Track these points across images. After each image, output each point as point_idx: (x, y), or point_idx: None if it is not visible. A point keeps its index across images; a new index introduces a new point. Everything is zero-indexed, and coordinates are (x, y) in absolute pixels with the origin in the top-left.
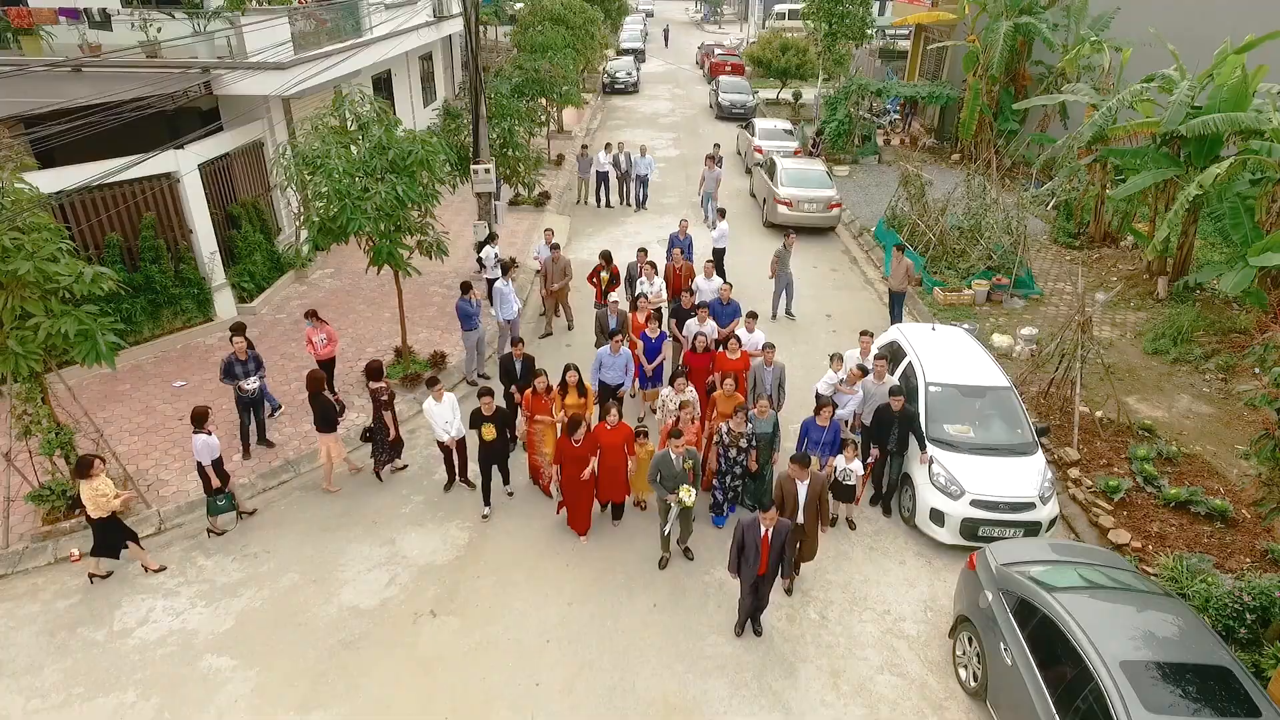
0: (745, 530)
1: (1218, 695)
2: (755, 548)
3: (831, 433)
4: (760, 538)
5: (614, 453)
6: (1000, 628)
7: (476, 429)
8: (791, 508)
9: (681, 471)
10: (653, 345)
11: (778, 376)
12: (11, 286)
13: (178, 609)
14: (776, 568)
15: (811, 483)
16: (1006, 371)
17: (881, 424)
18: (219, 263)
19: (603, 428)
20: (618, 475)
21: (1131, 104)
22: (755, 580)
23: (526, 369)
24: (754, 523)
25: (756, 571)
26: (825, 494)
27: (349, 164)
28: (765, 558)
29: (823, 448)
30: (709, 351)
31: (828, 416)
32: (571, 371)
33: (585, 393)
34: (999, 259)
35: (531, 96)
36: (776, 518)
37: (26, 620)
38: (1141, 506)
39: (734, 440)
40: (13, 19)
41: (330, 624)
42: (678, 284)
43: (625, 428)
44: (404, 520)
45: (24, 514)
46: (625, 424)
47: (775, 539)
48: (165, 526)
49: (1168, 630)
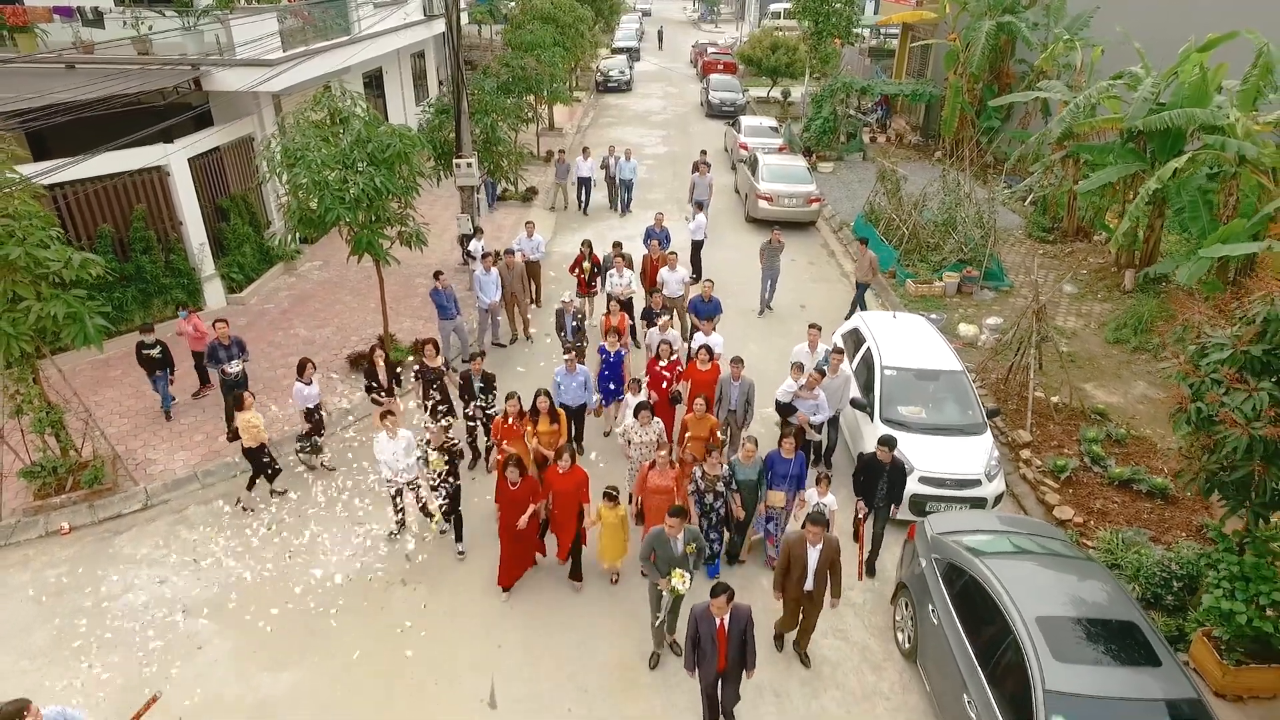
0: (699, 620)
1: (1124, 647)
2: (711, 641)
3: (798, 465)
4: (715, 630)
5: (566, 499)
6: (930, 591)
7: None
8: (799, 575)
9: (682, 555)
10: (612, 362)
11: (745, 393)
12: (3, 271)
13: (162, 576)
14: (740, 661)
15: (825, 546)
16: (965, 358)
17: (869, 474)
18: (209, 254)
19: (554, 471)
20: (568, 529)
21: (1099, 101)
22: (715, 677)
23: (487, 385)
24: (706, 612)
25: (715, 668)
26: (839, 560)
27: (327, 156)
28: (724, 651)
29: (789, 480)
30: (674, 363)
31: (792, 448)
32: (543, 398)
33: (558, 419)
34: (970, 252)
35: (519, 93)
36: (729, 605)
37: (17, 588)
38: (1087, 485)
39: (710, 485)
40: (8, 17)
41: (309, 592)
42: (653, 276)
43: (579, 472)
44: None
45: (16, 490)
46: (580, 469)
47: (734, 628)
48: (151, 503)
49: (1084, 590)
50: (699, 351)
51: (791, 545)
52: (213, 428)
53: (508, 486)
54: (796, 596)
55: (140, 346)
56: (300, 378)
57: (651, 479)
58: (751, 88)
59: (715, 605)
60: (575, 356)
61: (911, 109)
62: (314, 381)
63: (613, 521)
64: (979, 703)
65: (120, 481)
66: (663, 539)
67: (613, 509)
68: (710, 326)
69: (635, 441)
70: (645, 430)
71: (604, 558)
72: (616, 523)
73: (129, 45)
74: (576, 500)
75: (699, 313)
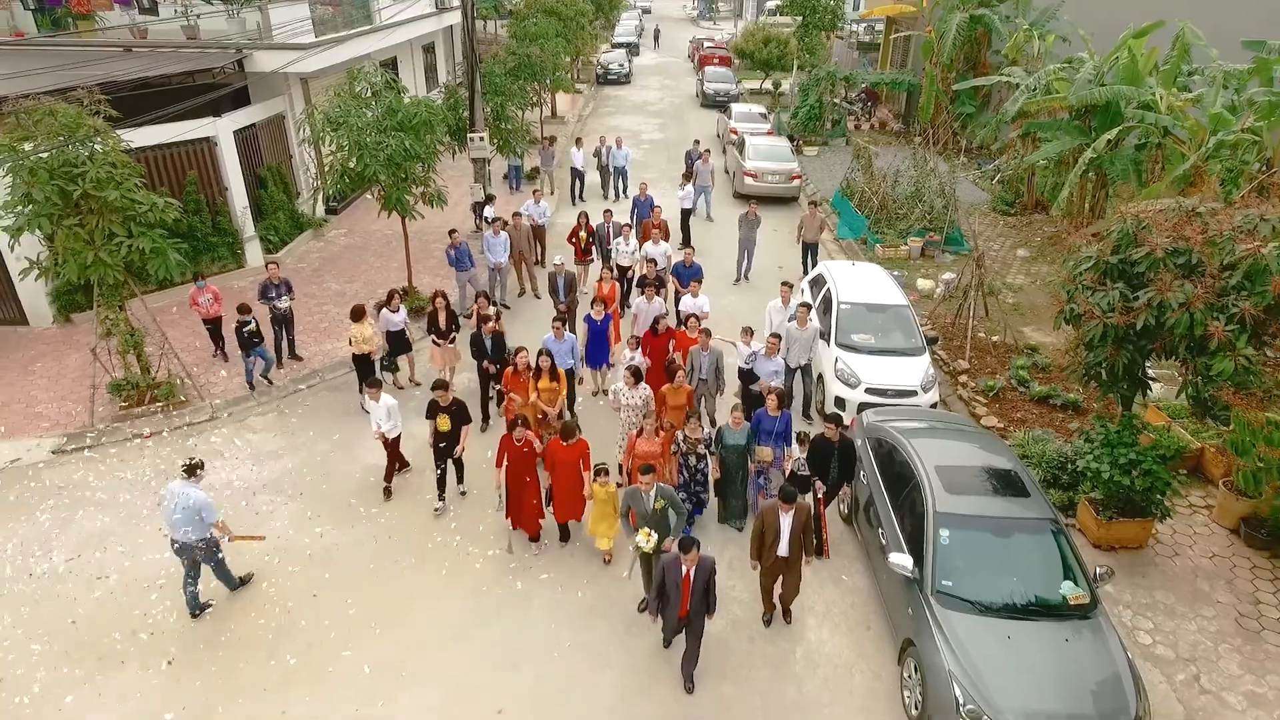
0: (666, 568)
1: (1000, 485)
2: (676, 588)
3: (783, 422)
4: (681, 578)
5: (568, 470)
6: (861, 460)
7: (432, 419)
8: (772, 540)
9: (652, 512)
10: (598, 328)
11: (714, 362)
12: (102, 211)
13: (233, 466)
14: (701, 610)
15: (796, 514)
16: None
17: (821, 454)
18: (249, 218)
19: (557, 443)
20: (573, 495)
21: (1050, 82)
22: (677, 624)
23: (496, 345)
24: (675, 562)
25: (677, 614)
26: (810, 525)
27: (365, 122)
28: (686, 599)
29: (775, 438)
30: (669, 331)
31: (776, 406)
32: (544, 358)
33: (558, 378)
34: (933, 220)
35: (524, 80)
36: (699, 558)
37: (116, 476)
38: (1012, 401)
39: (691, 448)
40: (73, 4)
41: (352, 477)
42: (647, 235)
43: (583, 444)
44: (411, 411)
45: (104, 401)
46: (583, 440)
47: (698, 579)
48: (216, 415)
49: (976, 451)
50: (688, 319)
51: (764, 514)
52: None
53: (513, 441)
54: (772, 562)
55: (240, 325)
56: (388, 306)
57: (640, 445)
58: (745, 80)
59: (686, 558)
60: (564, 325)
61: (894, 97)
62: (400, 309)
63: (603, 498)
64: (889, 533)
65: (190, 398)
66: (636, 495)
67: (604, 485)
68: (696, 288)
69: (624, 404)
70: (632, 393)
71: (595, 533)
72: (605, 499)
73: (178, 30)
74: (578, 470)
75: (681, 277)
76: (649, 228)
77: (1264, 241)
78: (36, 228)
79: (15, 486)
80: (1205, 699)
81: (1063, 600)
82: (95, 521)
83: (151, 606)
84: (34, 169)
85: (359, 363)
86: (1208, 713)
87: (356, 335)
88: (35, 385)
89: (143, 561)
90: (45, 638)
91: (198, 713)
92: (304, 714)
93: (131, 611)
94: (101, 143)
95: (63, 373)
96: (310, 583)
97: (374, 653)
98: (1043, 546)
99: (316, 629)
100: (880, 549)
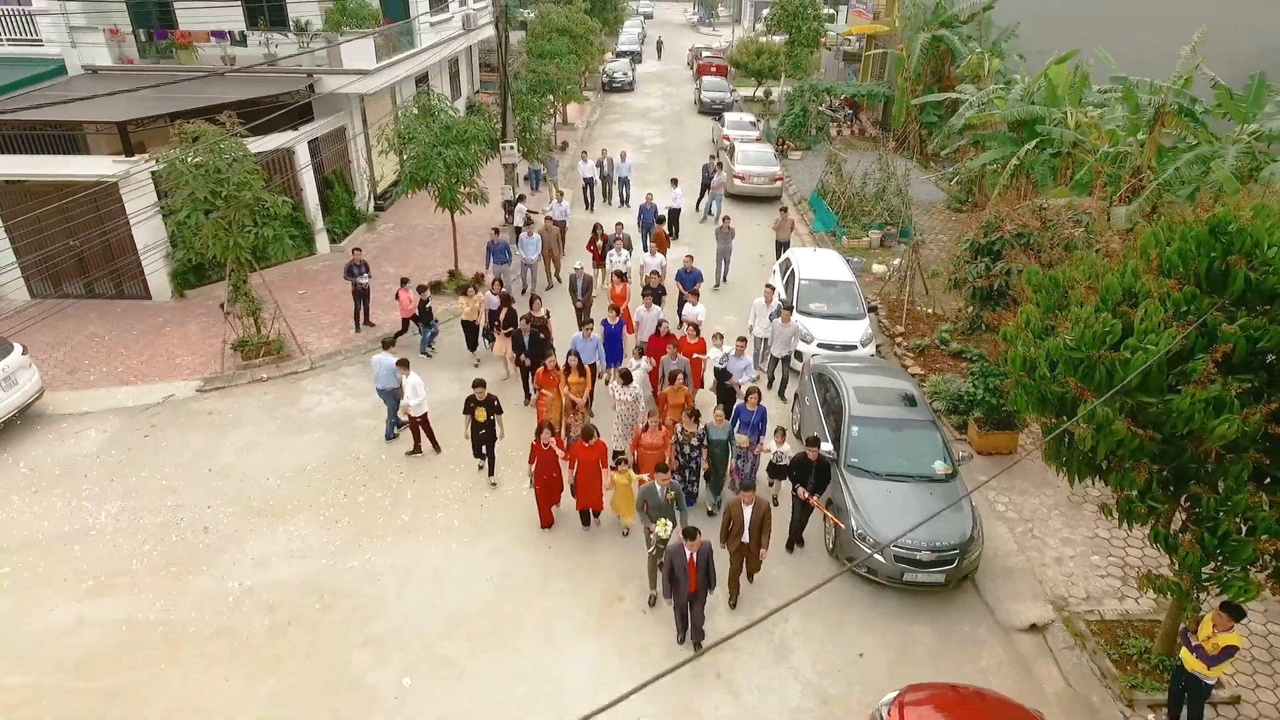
0: (673, 556)
1: (898, 400)
2: (684, 571)
3: (759, 415)
4: (687, 562)
5: (589, 468)
6: (806, 389)
7: (469, 413)
8: (738, 529)
9: (665, 502)
10: (612, 331)
11: (683, 368)
12: (238, 206)
13: (337, 400)
14: (704, 586)
15: (756, 506)
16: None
17: (801, 471)
18: (319, 213)
19: (580, 445)
20: (592, 487)
21: (991, 99)
22: (687, 599)
23: (534, 339)
24: (680, 549)
25: (687, 591)
26: (769, 518)
27: (432, 137)
28: (693, 578)
29: (751, 429)
30: (669, 336)
31: (755, 401)
32: (573, 356)
33: (585, 373)
34: (891, 216)
35: (542, 94)
36: (700, 543)
37: (247, 407)
38: (934, 356)
39: (686, 438)
40: (177, 37)
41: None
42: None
43: (601, 445)
44: (466, 362)
45: (228, 355)
46: (602, 441)
47: (700, 561)
48: (315, 366)
49: (886, 380)
50: (689, 328)
51: (730, 507)
52: (343, 326)
53: (541, 446)
54: (738, 547)
55: (422, 303)
56: (477, 289)
57: (645, 439)
58: (741, 88)
59: (690, 544)
60: (590, 326)
61: (873, 107)
62: (493, 295)
63: (622, 483)
64: (820, 432)
65: (293, 353)
66: (652, 490)
67: (624, 472)
68: (694, 297)
69: (617, 399)
70: (624, 390)
71: (617, 511)
72: (625, 483)
73: (260, 57)
74: (598, 467)
75: (684, 282)
76: (661, 234)
77: (1076, 227)
78: (196, 218)
79: (178, 413)
80: (1034, 541)
81: (934, 472)
82: (241, 435)
83: (290, 485)
84: (196, 174)
85: (466, 327)
86: (1033, 548)
87: (465, 306)
88: (169, 343)
89: (280, 458)
90: (229, 505)
91: (343, 549)
92: (413, 552)
93: (278, 488)
94: (237, 154)
95: (187, 335)
96: (402, 467)
97: (459, 517)
98: (923, 439)
99: (424, 495)
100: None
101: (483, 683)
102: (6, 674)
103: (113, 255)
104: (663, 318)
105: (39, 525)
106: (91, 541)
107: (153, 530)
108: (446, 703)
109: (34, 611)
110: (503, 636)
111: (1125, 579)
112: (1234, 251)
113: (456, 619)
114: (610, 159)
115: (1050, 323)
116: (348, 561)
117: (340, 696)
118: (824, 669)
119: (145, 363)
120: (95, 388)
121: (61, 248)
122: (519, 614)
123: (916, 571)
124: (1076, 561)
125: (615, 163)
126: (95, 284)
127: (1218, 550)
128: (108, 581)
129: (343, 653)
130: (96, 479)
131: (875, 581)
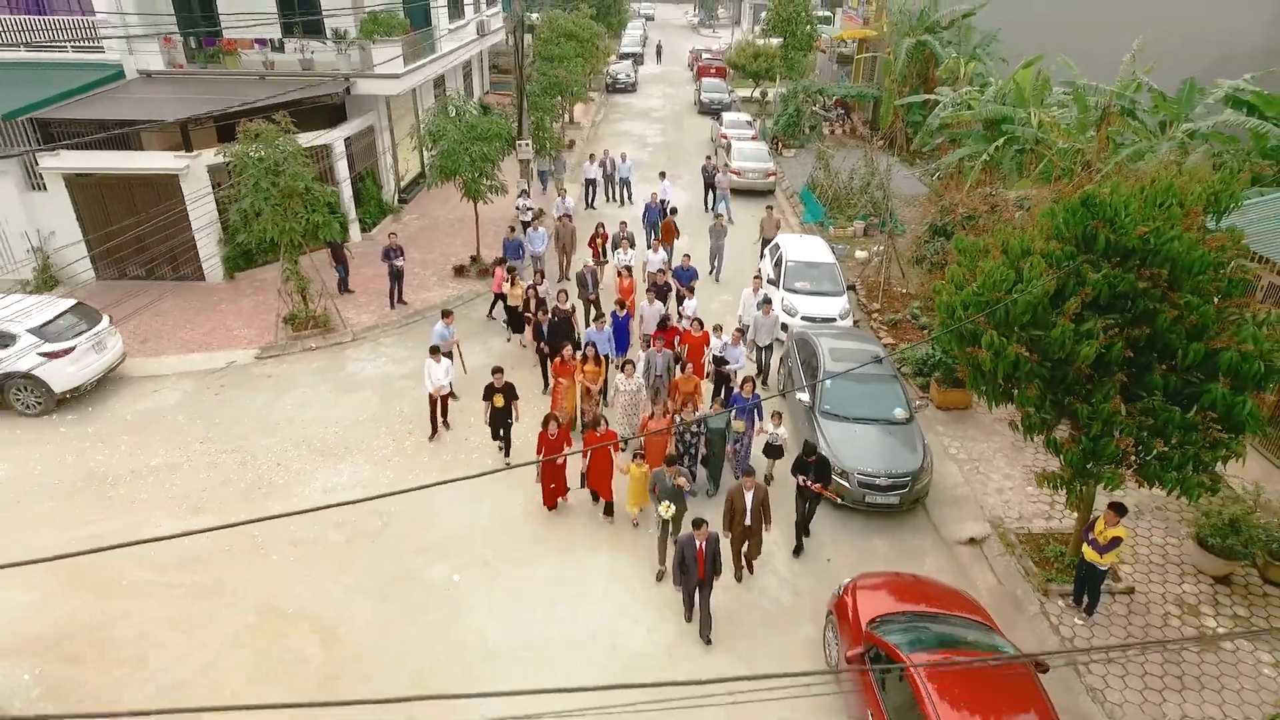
0: (684, 546)
1: (867, 359)
2: (694, 560)
3: (754, 400)
4: (697, 551)
5: (599, 453)
6: (790, 352)
7: (488, 400)
8: (740, 513)
9: (671, 487)
10: (620, 323)
11: (667, 361)
12: (293, 194)
13: (378, 366)
14: (711, 573)
15: (756, 492)
16: (856, 272)
17: (801, 470)
18: (353, 204)
19: (592, 434)
20: (602, 473)
21: (965, 101)
22: (696, 584)
23: (553, 329)
24: (690, 539)
25: (696, 579)
26: (768, 502)
27: (459, 134)
28: (702, 564)
29: (746, 412)
30: (674, 329)
31: (750, 389)
32: (589, 347)
33: (600, 363)
34: (874, 208)
35: (552, 96)
36: (708, 533)
37: (300, 372)
38: (906, 329)
39: (686, 427)
40: (224, 44)
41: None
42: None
43: (611, 434)
44: (493, 331)
45: (280, 327)
46: (612, 431)
47: (708, 548)
48: (356, 338)
49: (857, 343)
50: (692, 322)
51: (732, 494)
52: (379, 303)
53: (548, 436)
54: (740, 531)
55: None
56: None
57: (651, 425)
58: (739, 89)
59: (698, 534)
60: (603, 319)
61: (864, 106)
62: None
63: (636, 475)
64: (799, 385)
65: (336, 326)
66: (661, 476)
67: (640, 466)
68: (689, 293)
69: (620, 389)
70: (628, 380)
71: (630, 501)
72: (639, 476)
73: (296, 63)
74: (607, 452)
75: (682, 279)
76: (669, 229)
77: (1019, 210)
78: (258, 204)
79: (241, 375)
80: (979, 476)
81: (894, 416)
82: (298, 394)
83: (346, 432)
84: (259, 166)
85: (509, 311)
86: (977, 480)
87: (510, 292)
88: (226, 318)
89: (334, 412)
90: (296, 449)
91: (395, 481)
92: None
93: (336, 435)
94: (290, 149)
95: (241, 310)
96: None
97: (493, 458)
98: (886, 390)
99: (460, 443)
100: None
101: (517, 580)
102: (133, 570)
103: (172, 240)
104: (664, 312)
105: (144, 459)
106: (186, 474)
107: (233, 468)
108: (489, 593)
109: (144, 526)
110: (528, 548)
111: (1053, 503)
112: (1098, 218)
113: (493, 532)
114: (612, 159)
115: (968, 278)
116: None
117: (405, 585)
118: (798, 571)
119: (207, 334)
120: (167, 354)
121: (126, 234)
122: (541, 533)
123: (876, 495)
124: (1014, 492)
125: (616, 163)
126: (155, 267)
127: (1093, 449)
128: (201, 504)
129: (403, 557)
130: (182, 426)
131: (843, 506)
